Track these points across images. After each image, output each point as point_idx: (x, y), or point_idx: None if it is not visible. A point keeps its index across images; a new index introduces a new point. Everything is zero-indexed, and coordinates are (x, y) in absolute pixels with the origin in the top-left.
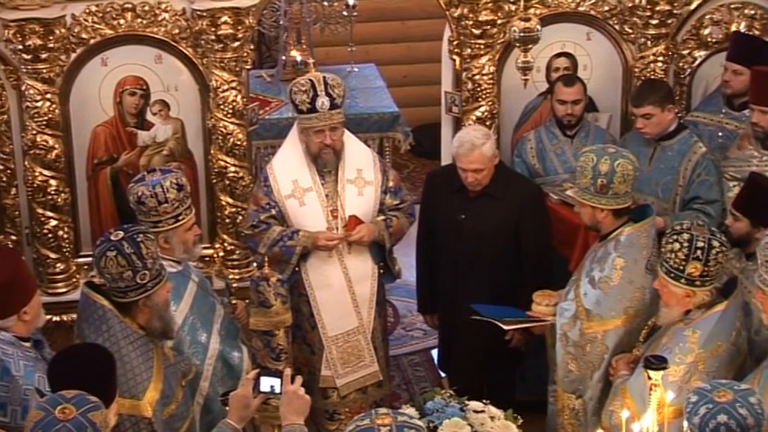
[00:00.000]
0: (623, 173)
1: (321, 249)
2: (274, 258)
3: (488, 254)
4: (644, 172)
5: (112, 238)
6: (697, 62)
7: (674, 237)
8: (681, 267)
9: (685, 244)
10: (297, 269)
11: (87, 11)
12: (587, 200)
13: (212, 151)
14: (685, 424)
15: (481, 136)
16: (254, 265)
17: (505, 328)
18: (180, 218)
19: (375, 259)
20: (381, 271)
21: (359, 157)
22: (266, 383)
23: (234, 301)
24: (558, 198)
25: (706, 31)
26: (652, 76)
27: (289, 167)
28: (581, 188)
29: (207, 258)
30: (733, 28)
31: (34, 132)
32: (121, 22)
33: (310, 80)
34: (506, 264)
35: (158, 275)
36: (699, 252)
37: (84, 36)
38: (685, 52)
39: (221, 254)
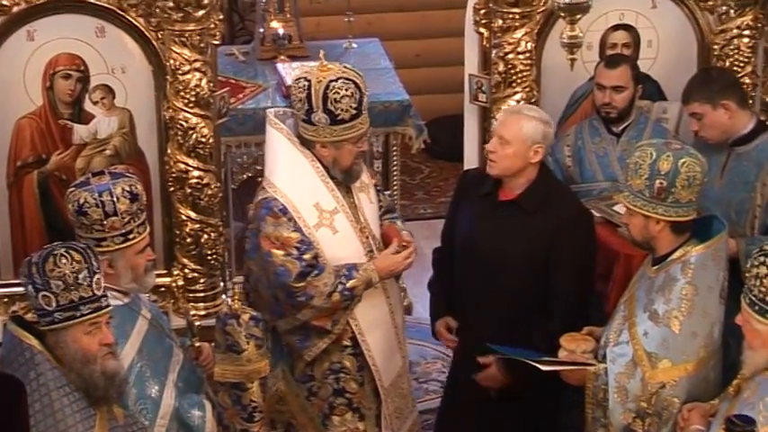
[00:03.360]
0: (689, 175)
1: (392, 276)
2: (331, 310)
3: (506, 284)
4: (714, 187)
5: (49, 247)
6: None
7: (762, 258)
8: None
9: None
10: None
11: None
12: (640, 207)
13: (169, 150)
14: None
15: (536, 113)
16: (224, 298)
17: (543, 368)
18: (130, 236)
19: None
20: None
21: None
22: None
23: (197, 344)
24: (599, 216)
25: None
26: (735, 55)
27: (303, 189)
28: (633, 192)
29: (162, 289)
30: None
31: None
32: None
33: (353, 81)
34: (529, 301)
35: (72, 309)
36: None
37: (4, 2)
38: None
39: (180, 283)
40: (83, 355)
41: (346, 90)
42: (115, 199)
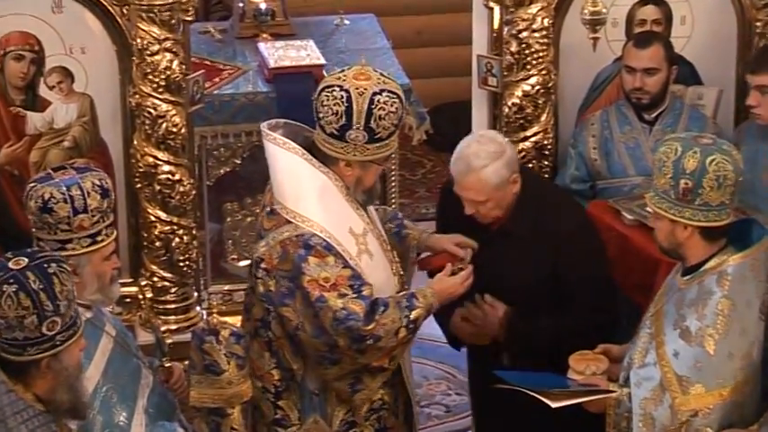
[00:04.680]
0: (718, 174)
1: (450, 300)
2: (398, 347)
3: (514, 304)
4: (764, 183)
5: (12, 266)
6: None
7: None
8: None
9: None
10: None
11: None
12: (665, 209)
13: (136, 142)
14: None
15: (485, 155)
16: (198, 310)
17: (553, 405)
18: (98, 239)
19: None
20: None
21: None
22: None
23: (168, 365)
24: (632, 218)
25: None
26: None
27: (336, 216)
28: (658, 192)
29: (127, 300)
30: None
31: None
32: None
33: (396, 94)
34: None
35: (72, 325)
36: None
37: None
38: None
39: (149, 294)
40: (76, 365)
41: (391, 105)
42: (86, 194)
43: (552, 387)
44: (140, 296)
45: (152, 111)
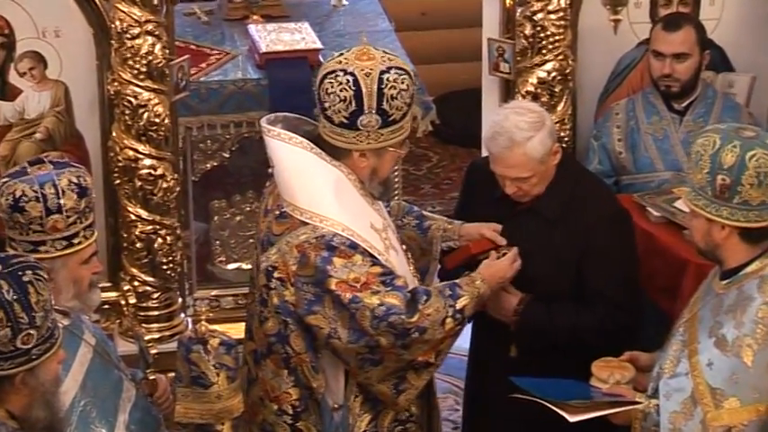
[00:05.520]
0: (759, 171)
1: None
2: (446, 339)
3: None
4: None
5: None
6: None
7: None
8: None
9: None
10: None
11: None
12: (701, 207)
13: (115, 133)
14: None
15: (527, 126)
16: (182, 317)
17: (571, 419)
18: (75, 241)
19: None
20: None
21: None
22: None
23: (152, 377)
24: (659, 215)
25: None
26: None
27: (356, 211)
28: (694, 187)
29: (106, 306)
30: None
31: None
32: None
33: (404, 70)
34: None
35: (50, 337)
36: None
37: None
38: None
39: (131, 300)
40: (54, 380)
41: (402, 83)
42: (60, 192)
43: (573, 397)
44: (122, 302)
45: (132, 100)
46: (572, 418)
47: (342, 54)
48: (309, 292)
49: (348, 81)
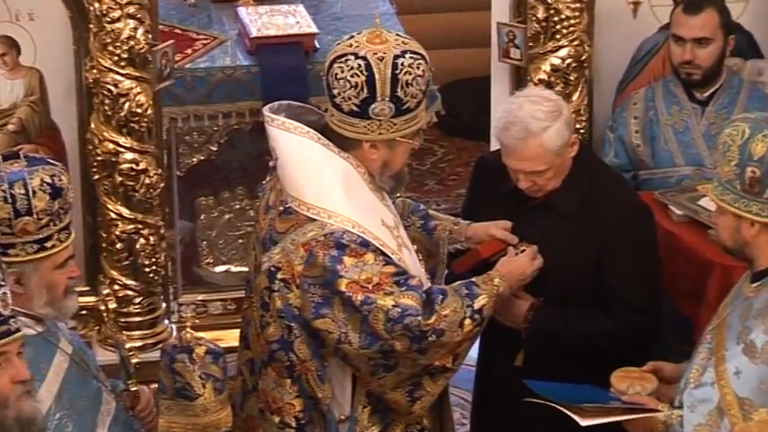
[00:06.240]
0: None
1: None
2: (464, 342)
3: (548, 301)
4: None
5: None
6: None
7: None
8: None
9: None
10: None
11: None
12: (729, 202)
13: (93, 125)
14: None
15: (543, 115)
16: (166, 323)
17: (583, 423)
18: (48, 245)
19: None
20: None
21: None
22: None
23: (134, 388)
24: (681, 214)
25: None
26: None
27: (367, 207)
28: (721, 181)
29: (85, 312)
30: None
31: None
32: None
33: (420, 54)
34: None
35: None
36: None
37: None
38: None
39: (111, 305)
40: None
41: (417, 68)
42: (30, 193)
43: (589, 402)
44: (101, 308)
45: (112, 88)
46: (584, 422)
47: (352, 37)
48: (317, 294)
49: (360, 66)
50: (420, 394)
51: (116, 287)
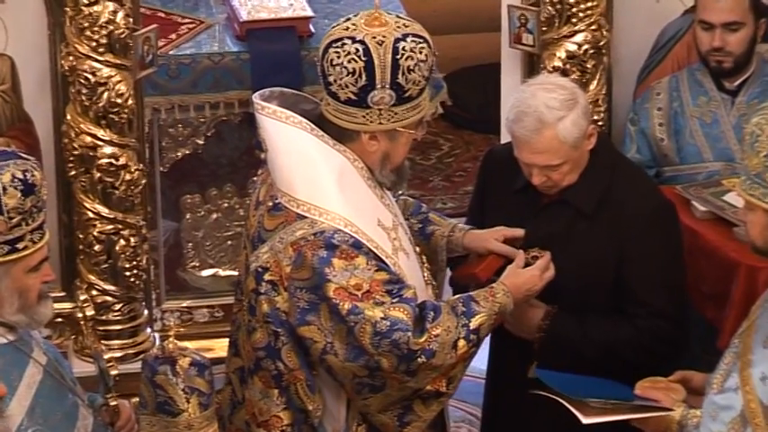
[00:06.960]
0: None
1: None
2: (458, 364)
3: (561, 304)
4: None
5: None
6: None
7: None
8: None
9: None
10: None
11: None
12: (759, 197)
13: (70, 117)
14: None
15: (559, 104)
16: (149, 332)
17: (585, 420)
18: (20, 246)
19: None
20: None
21: None
22: None
23: (113, 402)
24: (705, 210)
25: None
26: None
27: (362, 205)
28: (749, 175)
29: (60, 319)
30: None
31: None
32: None
33: (423, 38)
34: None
35: None
36: None
37: None
38: None
39: (89, 312)
40: None
41: (420, 52)
42: (1, 190)
43: (605, 396)
44: (78, 314)
45: (90, 77)
46: (585, 420)
47: (349, 19)
48: (303, 299)
49: (357, 50)
50: (410, 419)
51: (94, 293)
